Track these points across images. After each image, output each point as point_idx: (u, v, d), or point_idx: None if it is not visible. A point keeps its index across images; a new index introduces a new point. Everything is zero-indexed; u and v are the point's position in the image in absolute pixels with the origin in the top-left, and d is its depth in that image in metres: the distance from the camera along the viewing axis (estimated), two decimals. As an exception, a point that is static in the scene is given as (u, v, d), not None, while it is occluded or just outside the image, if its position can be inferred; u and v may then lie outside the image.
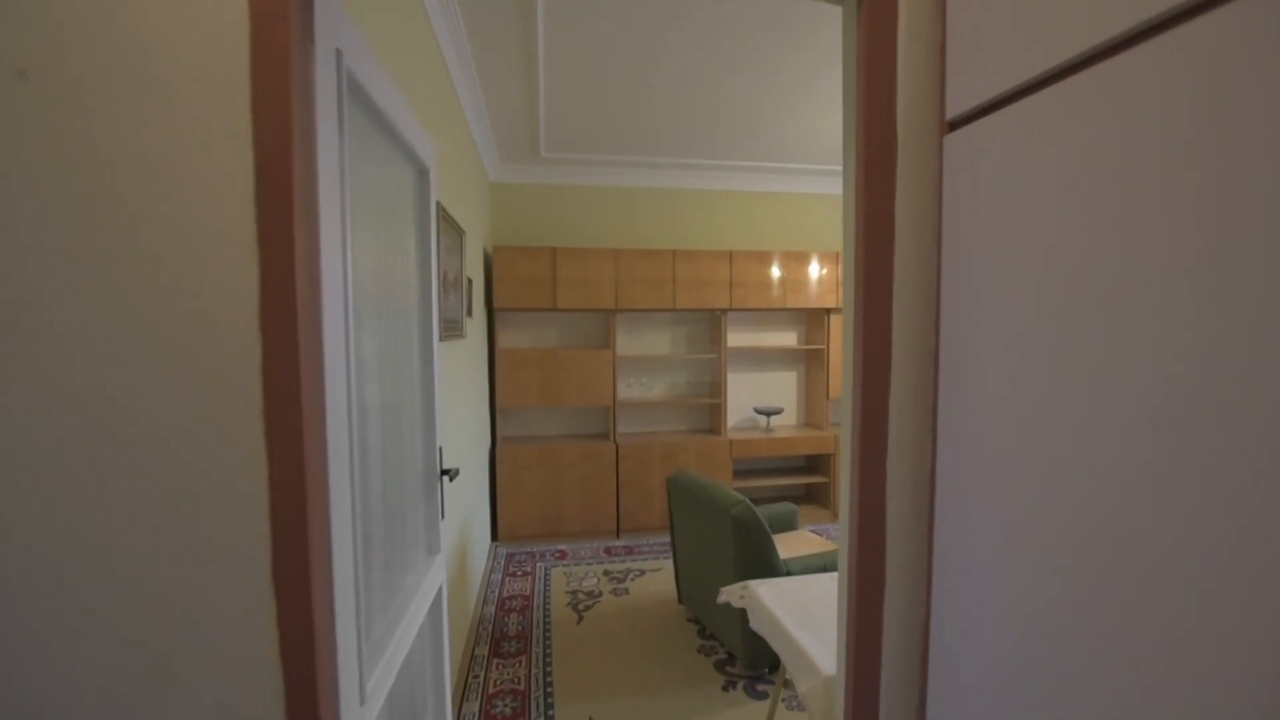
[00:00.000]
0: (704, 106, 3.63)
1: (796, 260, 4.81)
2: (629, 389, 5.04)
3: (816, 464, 5.17)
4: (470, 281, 3.45)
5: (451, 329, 2.81)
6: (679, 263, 4.63)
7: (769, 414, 5.01)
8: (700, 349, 5.13)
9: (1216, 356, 0.60)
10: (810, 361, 5.26)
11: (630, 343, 5.03)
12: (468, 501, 3.31)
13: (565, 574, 4.02)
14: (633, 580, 3.92)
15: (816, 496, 5.20)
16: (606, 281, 4.54)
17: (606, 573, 4.03)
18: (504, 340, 4.82)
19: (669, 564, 4.11)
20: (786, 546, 3.21)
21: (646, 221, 5.04)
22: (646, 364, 5.06)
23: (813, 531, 3.89)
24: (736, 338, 5.22)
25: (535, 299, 4.46)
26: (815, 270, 4.83)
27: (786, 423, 5.38)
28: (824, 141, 4.24)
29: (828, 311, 4.97)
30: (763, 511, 3.49)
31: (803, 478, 5.03)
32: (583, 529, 4.56)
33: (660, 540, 4.57)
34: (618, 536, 4.64)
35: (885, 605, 1.12)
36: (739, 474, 5.02)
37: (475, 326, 3.75)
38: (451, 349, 2.89)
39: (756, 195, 5.21)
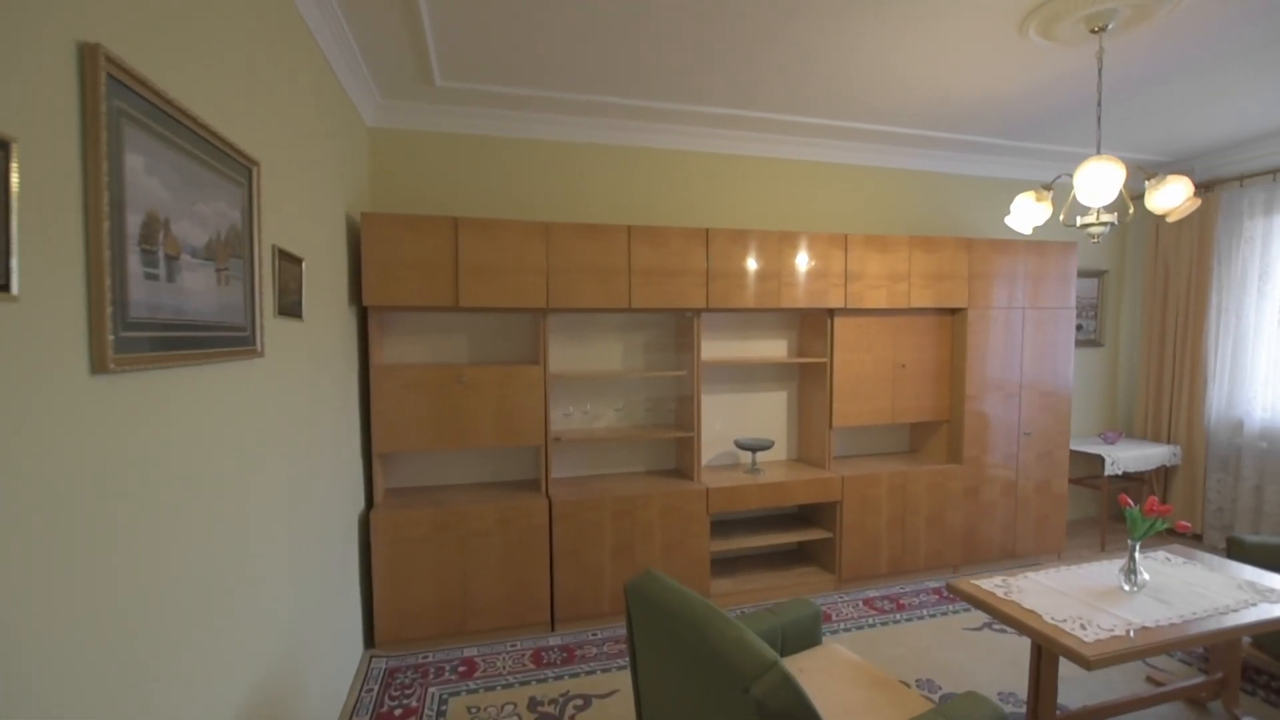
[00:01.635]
0: (674, 24, 2.38)
1: (791, 244, 3.60)
2: (567, 419, 3.70)
3: (816, 514, 3.95)
4: (288, 259, 2.05)
5: (209, 341, 1.43)
6: (637, 244, 3.34)
7: (755, 449, 3.76)
8: (665, 363, 3.85)
9: None
10: (806, 378, 4.05)
11: (568, 355, 3.70)
12: (298, 606, 1.90)
13: (470, 708, 2.64)
14: (575, 716, 2.58)
15: (816, 556, 3.97)
16: (533, 269, 3.20)
17: (534, 704, 2.67)
18: (384, 352, 3.40)
19: (627, 680, 2.80)
20: (819, 683, 1.94)
21: (591, 187, 3.72)
22: (591, 384, 3.74)
23: (847, 650, 2.64)
24: (712, 348, 3.96)
25: (429, 293, 3.07)
26: (812, 259, 3.62)
27: (776, 458, 4.15)
28: (853, 92, 3.06)
29: (831, 313, 3.78)
30: (768, 612, 2.21)
31: (798, 533, 3.80)
32: (501, 622, 3.18)
33: (614, 634, 3.24)
34: (552, 629, 3.28)
35: None
36: (718, 531, 3.75)
37: (308, 334, 2.34)
38: (219, 375, 1.50)
39: (745, 160, 3.98)
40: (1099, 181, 2.24)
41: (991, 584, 2.42)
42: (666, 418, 3.87)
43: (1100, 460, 4.41)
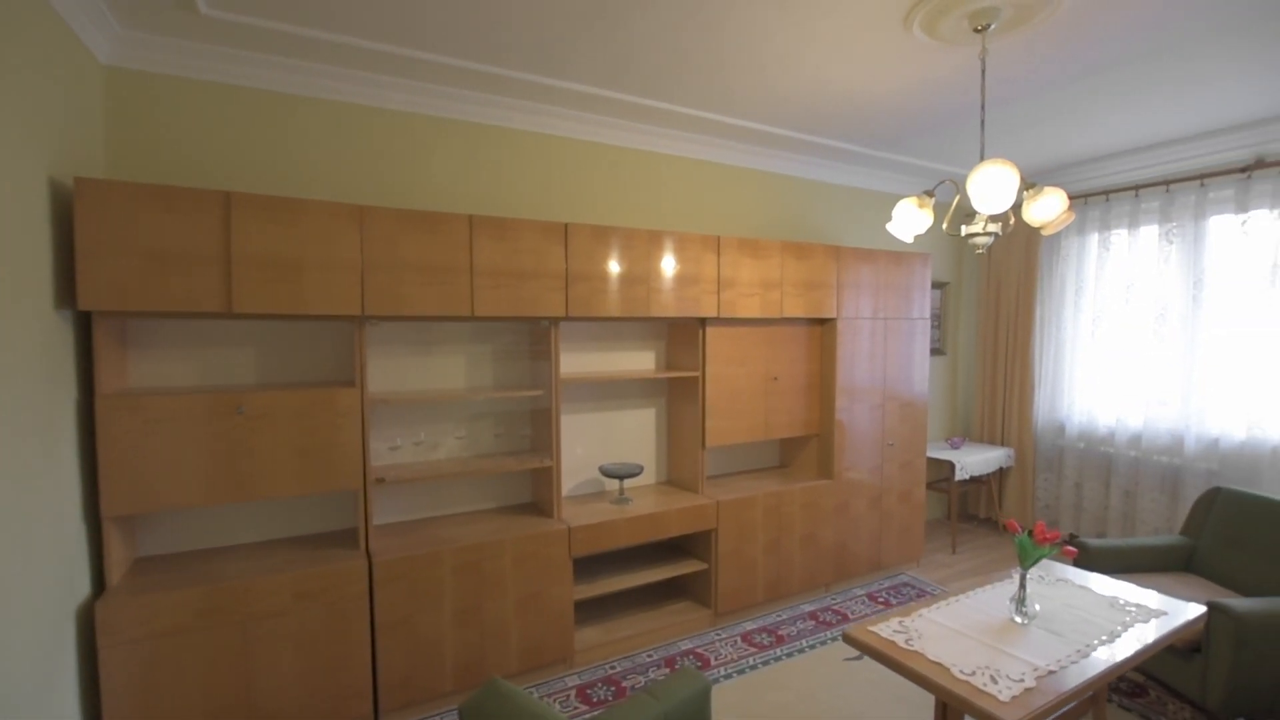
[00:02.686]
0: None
1: (661, 245, 3.21)
2: (395, 452, 3.00)
3: (690, 543, 3.59)
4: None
5: None
6: (481, 238, 2.75)
7: (623, 476, 3.32)
8: (517, 380, 3.28)
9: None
10: (676, 394, 3.69)
11: (397, 373, 3.01)
12: None
13: None
14: None
15: (690, 589, 3.62)
16: (344, 264, 2.49)
17: None
18: (128, 374, 2.50)
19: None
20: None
21: (423, 168, 3.06)
22: (427, 408, 3.07)
23: None
24: (573, 361, 3.46)
25: (187, 293, 2.25)
26: (684, 263, 3.26)
27: (646, 482, 3.75)
28: (727, 81, 2.69)
29: (703, 322, 3.44)
30: (647, 696, 1.76)
31: (671, 566, 3.42)
32: (303, 727, 2.43)
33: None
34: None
35: None
36: (583, 572, 3.26)
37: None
38: None
39: (612, 150, 3.52)
40: (994, 185, 2.06)
41: (890, 630, 2.17)
42: (520, 444, 3.30)
43: (950, 465, 4.55)
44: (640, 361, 3.68)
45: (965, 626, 2.20)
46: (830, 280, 3.78)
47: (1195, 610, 2.37)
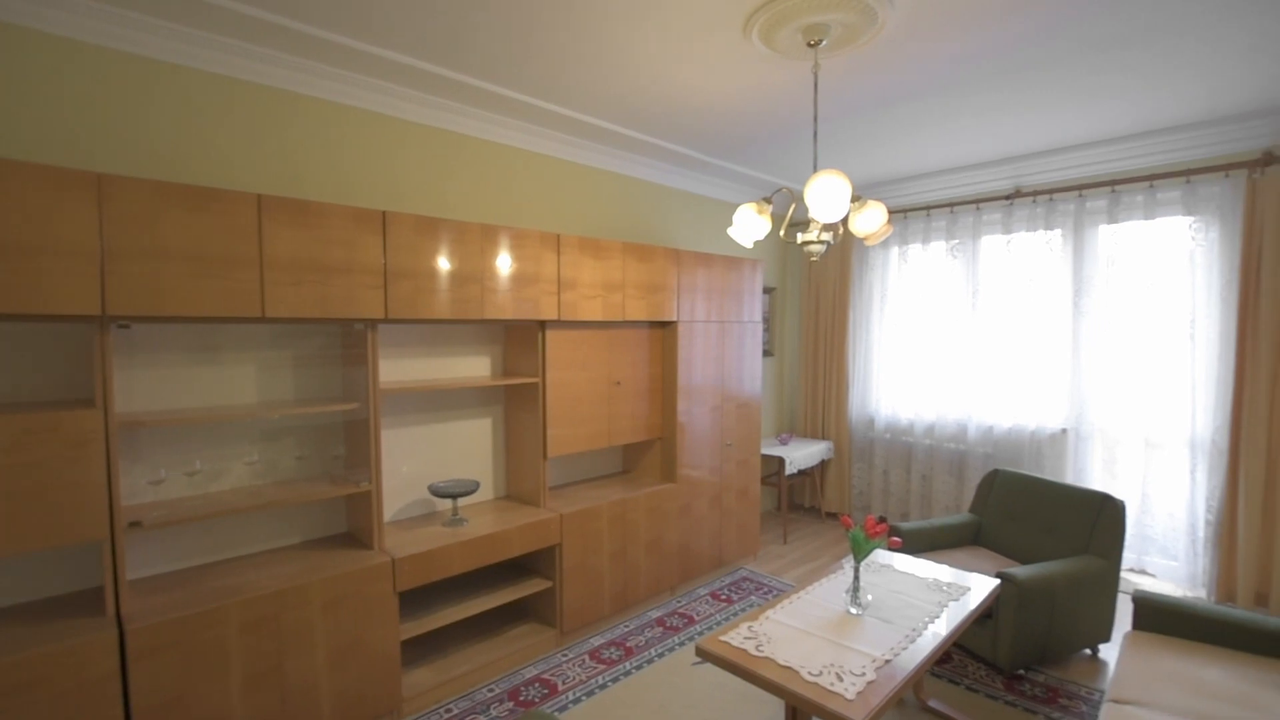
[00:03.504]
0: None
1: (496, 241, 2.94)
2: (158, 486, 2.41)
3: (534, 560, 3.36)
4: None
5: None
6: (274, 223, 2.29)
7: (457, 495, 3.01)
8: (326, 391, 2.82)
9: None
10: (514, 401, 3.44)
11: (165, 388, 2.42)
12: None
13: None
14: None
15: (534, 609, 3.38)
16: (75, 250, 1.91)
17: None
18: None
19: None
20: None
21: (198, 136, 2.49)
22: (204, 430, 2.51)
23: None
24: (396, 368, 3.07)
25: None
26: (522, 261, 3.02)
27: (483, 499, 3.44)
28: (569, 72, 2.49)
29: (543, 325, 3.23)
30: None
31: (512, 588, 3.16)
32: None
33: (246, 810, 2.14)
34: (132, 834, 2.02)
35: None
36: (412, 606, 2.88)
37: None
38: None
39: (440, 134, 3.15)
40: (830, 195, 2.12)
41: (740, 638, 2.14)
42: (331, 465, 2.85)
43: (780, 460, 4.80)
44: (474, 367, 3.38)
45: (809, 624, 2.24)
46: (671, 283, 3.77)
47: (993, 583, 2.65)
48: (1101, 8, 2.29)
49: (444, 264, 2.76)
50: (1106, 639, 3.13)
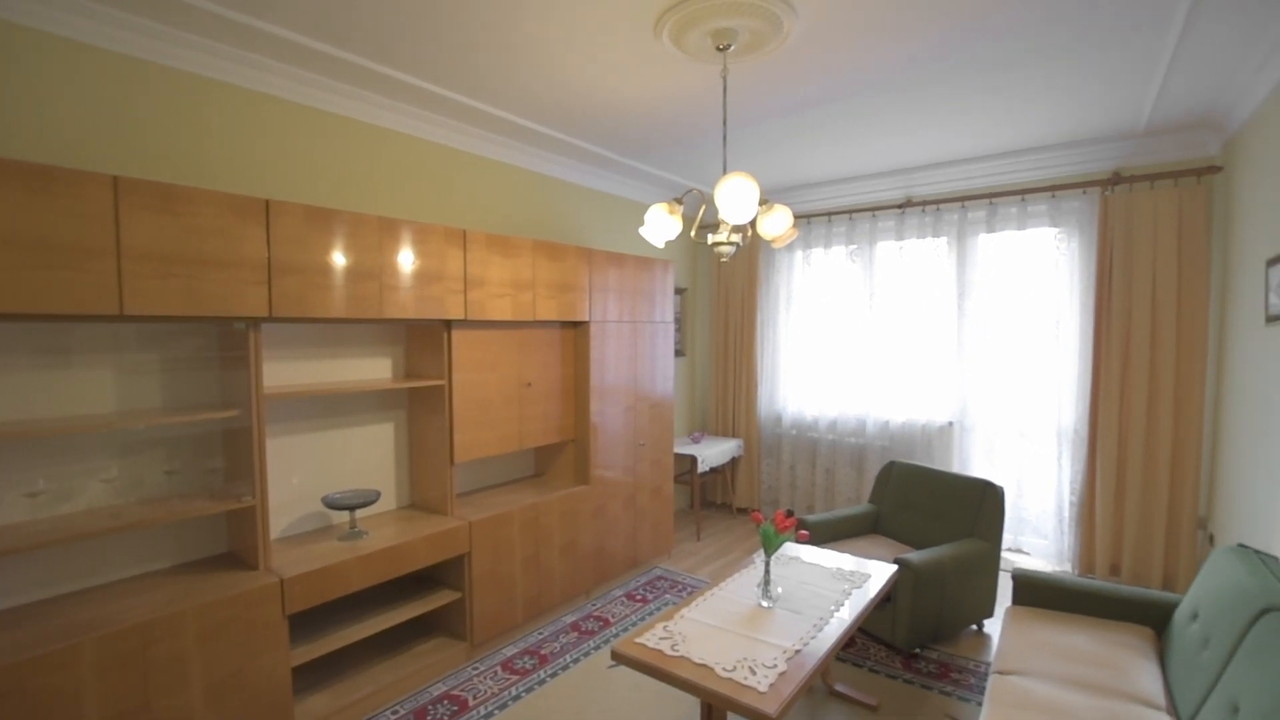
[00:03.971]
0: None
1: (395, 235, 2.78)
2: (-6, 510, 2.09)
3: (441, 571, 3.20)
4: None
5: None
6: (133, 209, 2.04)
7: (354, 506, 2.81)
8: (200, 398, 2.55)
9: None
10: (419, 405, 3.27)
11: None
12: None
13: None
14: None
15: (442, 622, 3.22)
16: (-128, 234, 1.62)
17: None
18: None
19: None
20: None
21: (39, 101, 2.18)
22: (48, 446, 2.20)
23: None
24: (283, 371, 2.83)
25: None
26: (425, 257, 2.88)
27: (385, 509, 3.24)
28: (474, 61, 2.37)
29: (448, 325, 3.09)
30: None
31: (418, 603, 3.00)
32: None
33: None
34: None
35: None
36: (305, 628, 2.66)
37: None
38: None
39: (332, 118, 2.93)
40: (739, 196, 2.15)
41: (656, 639, 2.13)
42: (208, 479, 2.58)
43: (692, 459, 4.87)
44: (374, 369, 3.18)
45: (723, 620, 2.27)
46: (583, 283, 3.72)
47: (892, 569, 2.80)
48: (985, 33, 2.47)
49: (339, 259, 2.57)
50: (990, 614, 3.39)
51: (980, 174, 4.37)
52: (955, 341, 4.50)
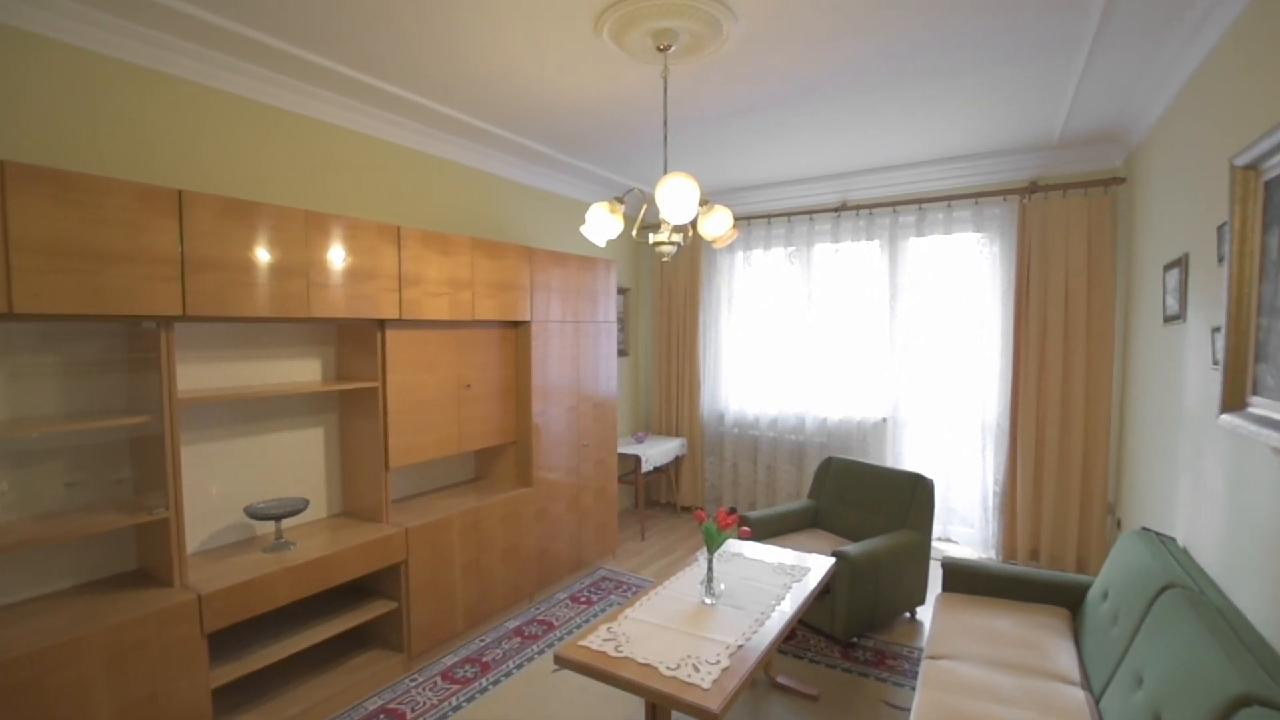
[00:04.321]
0: None
1: (324, 230, 2.66)
2: None
3: (376, 581, 3.07)
4: None
5: None
6: (21, 196, 1.86)
7: (279, 516, 2.67)
8: (103, 403, 2.36)
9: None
10: (351, 409, 3.13)
11: None
12: None
13: None
14: None
15: (378, 634, 3.10)
16: None
17: None
18: None
19: None
20: None
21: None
22: (-70, 453, 1.99)
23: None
24: (200, 374, 2.65)
25: None
26: (357, 254, 2.76)
27: (315, 518, 3.09)
28: (410, 50, 2.28)
29: (382, 324, 2.98)
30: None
31: (351, 614, 2.87)
32: None
33: None
34: None
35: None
36: (227, 646, 2.50)
37: None
38: None
39: (254, 106, 2.76)
40: (679, 196, 2.16)
41: (599, 641, 2.10)
42: (115, 491, 2.39)
43: (636, 458, 4.87)
44: (302, 371, 3.03)
45: (667, 619, 2.27)
46: (524, 282, 3.66)
47: (830, 562, 2.87)
48: (909, 48, 2.57)
49: (262, 254, 2.44)
50: (922, 602, 3.53)
51: (910, 180, 4.55)
52: (888, 341, 4.67)
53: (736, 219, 5.22)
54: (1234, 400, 1.86)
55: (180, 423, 2.40)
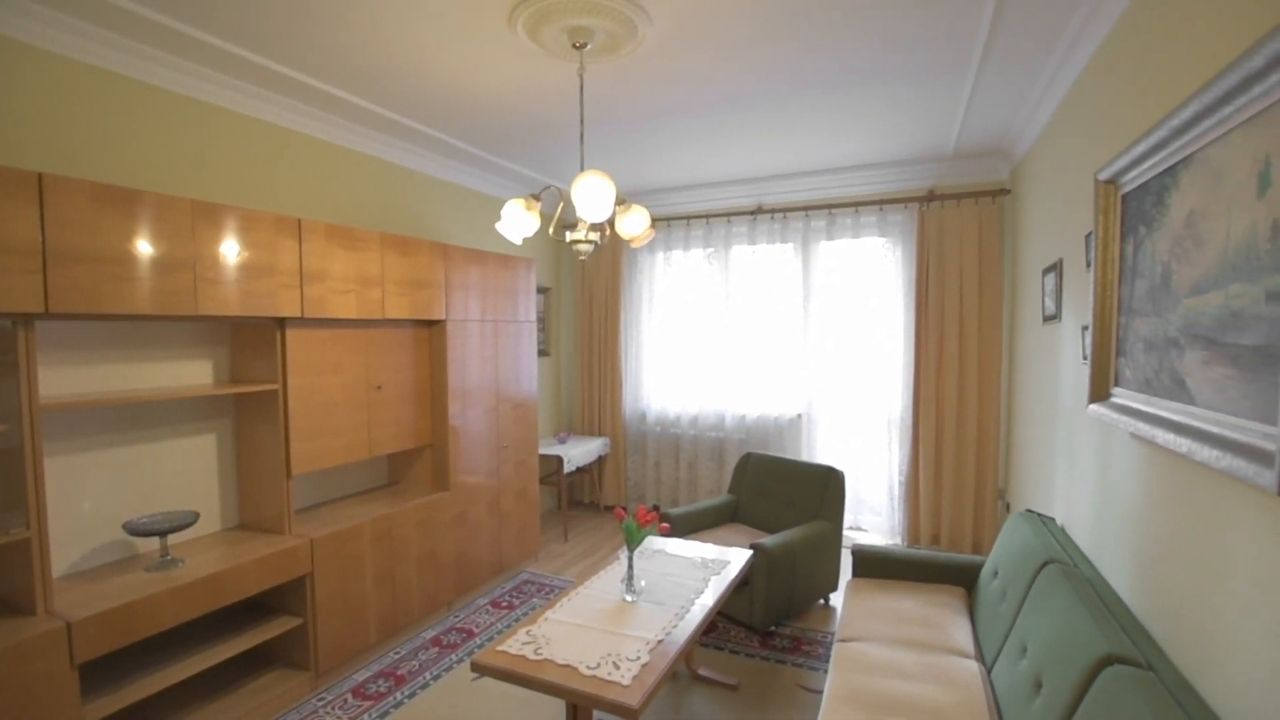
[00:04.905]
0: None
1: (213, 221, 2.47)
2: None
3: (278, 597, 2.88)
4: None
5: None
6: None
7: (165, 531, 2.45)
8: (-48, 412, 2.09)
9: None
10: (248, 414, 2.92)
11: None
12: None
13: None
14: None
15: (280, 653, 2.90)
16: None
17: None
18: None
19: None
20: None
21: None
22: None
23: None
24: (69, 378, 2.39)
25: None
26: (251, 248, 2.58)
27: (208, 532, 2.86)
28: (310, 32, 2.14)
29: (282, 323, 2.80)
30: None
31: (250, 634, 2.67)
32: None
33: None
34: None
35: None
36: (103, 677, 2.26)
37: None
38: None
39: (133, 85, 2.51)
40: (595, 194, 2.15)
41: (519, 644, 2.06)
42: (-34, 511, 2.12)
43: (558, 459, 4.82)
44: (191, 374, 2.80)
45: (587, 619, 2.25)
46: (439, 279, 3.54)
47: (748, 554, 2.94)
48: (815, 60, 2.68)
49: (143, 246, 2.23)
50: (835, 588, 3.69)
51: (821, 186, 4.75)
52: (802, 340, 4.86)
53: (656, 220, 5.28)
54: (1100, 391, 2.05)
55: (43, 432, 2.16)
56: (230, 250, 2.51)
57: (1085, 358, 2.39)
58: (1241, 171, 1.23)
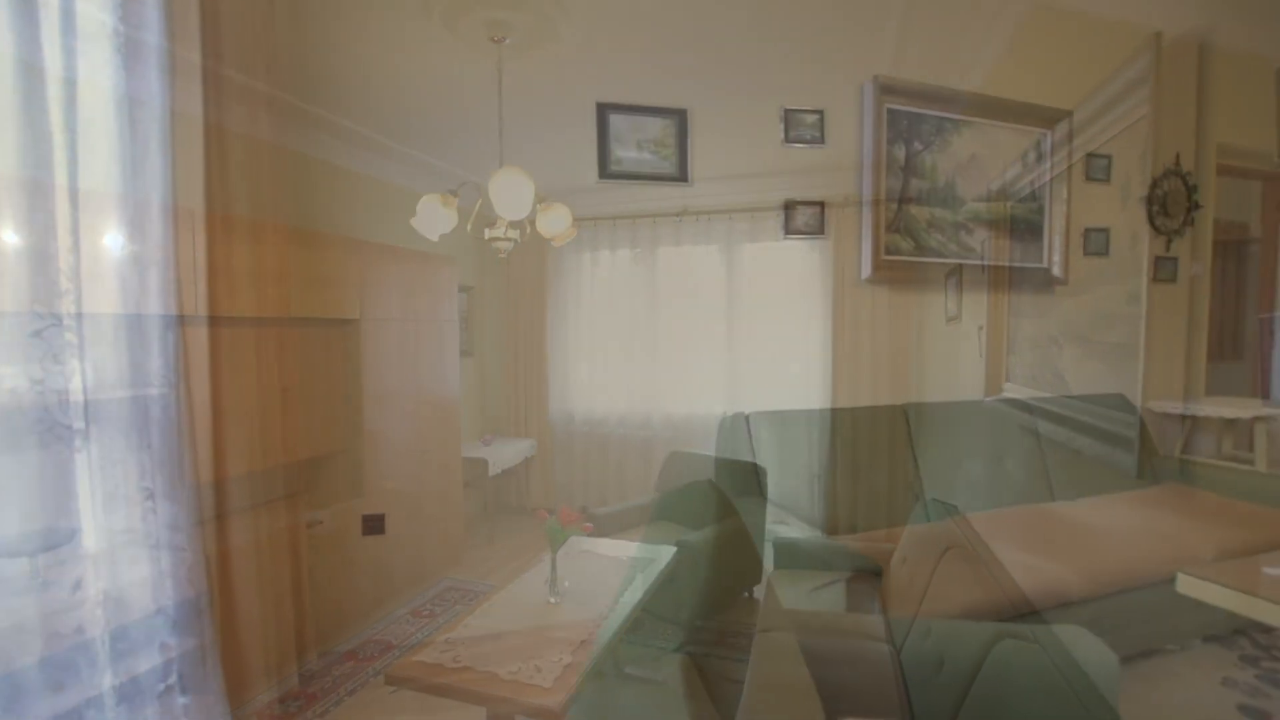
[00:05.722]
0: None
1: (82, 205, 2.25)
2: None
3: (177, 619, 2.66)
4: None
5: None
6: None
7: (34, 552, 2.22)
8: None
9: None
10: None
11: None
12: None
13: None
14: None
15: (183, 682, 2.69)
16: None
17: None
18: None
19: None
20: None
21: None
22: None
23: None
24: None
25: None
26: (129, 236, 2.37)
27: (92, 550, 2.61)
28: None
29: (181, 320, 2.59)
30: None
31: (142, 658, 2.46)
32: None
33: None
34: None
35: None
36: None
37: None
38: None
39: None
40: (513, 191, 2.12)
41: (436, 653, 2.01)
42: None
43: (483, 462, 4.71)
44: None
45: (509, 622, 2.22)
46: (352, 277, 3.39)
47: (671, 550, 2.98)
48: (737, 67, 2.74)
49: (9, 238, 2.01)
50: (759, 581, 3.78)
51: (743, 190, 4.87)
52: (727, 339, 4.96)
53: (581, 220, 5.24)
54: (993, 386, 2.20)
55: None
56: (115, 244, 2.30)
57: (981, 355, 2.56)
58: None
